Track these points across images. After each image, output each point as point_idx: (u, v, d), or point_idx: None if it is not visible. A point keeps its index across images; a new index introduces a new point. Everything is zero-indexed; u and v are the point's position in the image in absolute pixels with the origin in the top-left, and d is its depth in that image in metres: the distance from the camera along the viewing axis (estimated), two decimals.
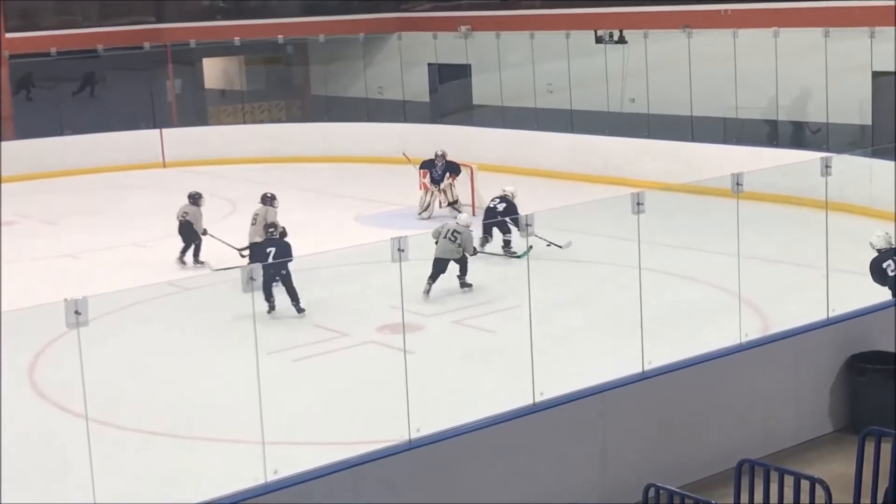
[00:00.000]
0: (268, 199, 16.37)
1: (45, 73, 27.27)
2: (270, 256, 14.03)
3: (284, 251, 14.12)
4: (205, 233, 16.98)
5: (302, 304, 13.72)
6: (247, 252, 15.80)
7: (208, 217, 17.39)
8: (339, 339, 13.22)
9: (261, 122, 29.60)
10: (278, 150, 26.18)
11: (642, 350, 9.51)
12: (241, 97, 30.77)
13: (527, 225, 9.00)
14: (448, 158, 19.97)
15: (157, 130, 26.30)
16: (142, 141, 25.89)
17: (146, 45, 27.59)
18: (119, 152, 25.39)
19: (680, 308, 13.57)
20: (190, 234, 17.02)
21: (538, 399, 8.85)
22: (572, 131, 23.42)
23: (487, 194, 19.83)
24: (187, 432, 10.31)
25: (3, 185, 24.21)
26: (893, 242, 12.02)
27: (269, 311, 13.61)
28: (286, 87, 31.52)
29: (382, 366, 11.88)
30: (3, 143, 25.92)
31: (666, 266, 14.37)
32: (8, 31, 26.90)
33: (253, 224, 15.94)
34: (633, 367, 9.47)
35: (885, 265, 11.91)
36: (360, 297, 14.86)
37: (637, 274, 10.37)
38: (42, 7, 28.97)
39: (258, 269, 7.98)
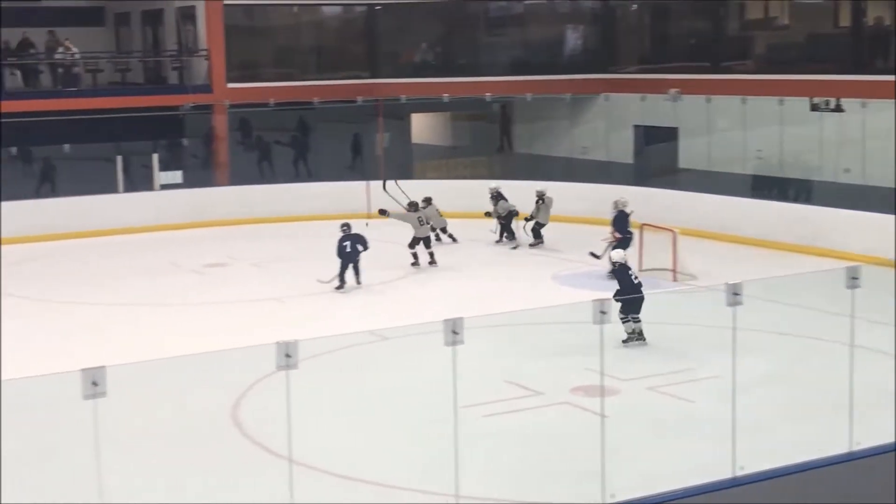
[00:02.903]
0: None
1: (262, 123, 28.39)
2: (348, 247, 18.67)
3: (360, 240, 18.80)
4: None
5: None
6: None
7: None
8: (533, 398, 13.13)
9: (464, 177, 30.01)
10: (480, 206, 26.41)
11: (850, 430, 9.11)
12: (446, 152, 31.28)
13: (734, 294, 8.79)
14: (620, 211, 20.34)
15: (365, 182, 26.98)
16: (349, 191, 26.58)
17: (359, 99, 28.43)
18: (327, 201, 26.05)
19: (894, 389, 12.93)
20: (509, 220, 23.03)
21: (738, 473, 8.57)
22: (781, 199, 22.83)
23: (689, 260, 19.53)
24: (384, 480, 10.37)
25: (214, 229, 25.26)
26: (626, 259, 15.58)
27: (338, 287, 18.59)
28: (491, 144, 31.89)
29: (576, 428, 11.77)
30: (217, 189, 27.13)
31: (880, 345, 13.74)
32: (230, 81, 28.16)
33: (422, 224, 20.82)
34: (838, 447, 9.07)
35: (629, 274, 15.27)
36: (555, 356, 14.77)
37: (848, 351, 9.98)
38: (263, 60, 30.24)
39: (461, 322, 7.98)
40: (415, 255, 20.68)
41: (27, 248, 23.21)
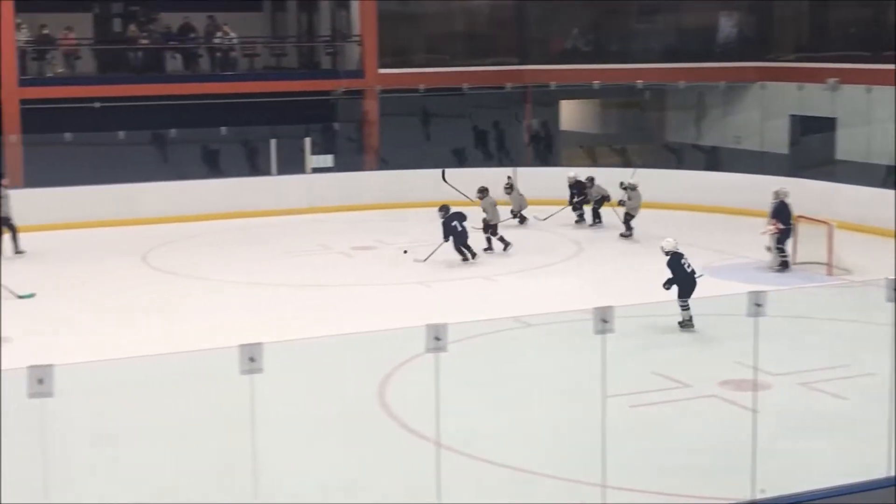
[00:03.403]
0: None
1: (413, 108, 28.63)
2: (458, 226, 19.59)
3: (464, 217, 19.78)
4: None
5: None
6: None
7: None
8: (680, 390, 12.96)
9: (612, 166, 29.72)
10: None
11: None
12: (594, 140, 31.05)
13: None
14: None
15: (512, 169, 27.01)
16: (496, 178, 26.59)
17: (508, 85, 28.43)
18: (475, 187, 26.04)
19: None
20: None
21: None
22: None
23: (845, 254, 19.00)
24: (529, 467, 10.37)
25: (363, 212, 25.57)
26: (678, 247, 15.46)
27: (464, 260, 19.66)
28: (641, 132, 31.52)
29: (725, 421, 11.58)
30: (367, 173, 27.44)
31: None
32: (381, 67, 28.47)
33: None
34: None
35: (682, 262, 15.29)
36: (705, 349, 14.57)
37: None
38: (414, 46, 30.50)
39: (611, 311, 7.93)
40: (489, 241, 21.00)
41: (186, 227, 23.93)
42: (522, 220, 23.96)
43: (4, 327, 15.63)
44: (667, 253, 15.49)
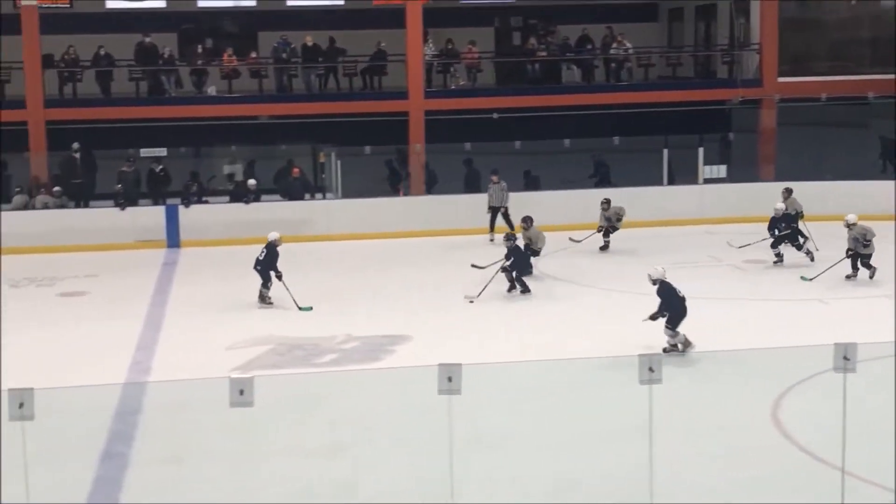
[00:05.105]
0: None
1: (811, 118, 27.56)
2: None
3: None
4: None
5: None
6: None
7: None
8: None
9: None
10: None
11: None
12: None
13: None
14: None
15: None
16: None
17: None
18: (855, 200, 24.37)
19: None
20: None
21: None
22: None
23: None
24: None
25: (761, 224, 24.72)
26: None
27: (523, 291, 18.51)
28: None
29: None
30: (762, 184, 26.62)
31: None
32: (781, 75, 27.63)
33: None
34: None
35: (675, 289, 14.25)
36: None
37: None
38: (816, 53, 29.37)
39: None
40: None
41: (574, 235, 24.23)
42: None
43: (401, 326, 16.51)
44: (654, 281, 14.48)
